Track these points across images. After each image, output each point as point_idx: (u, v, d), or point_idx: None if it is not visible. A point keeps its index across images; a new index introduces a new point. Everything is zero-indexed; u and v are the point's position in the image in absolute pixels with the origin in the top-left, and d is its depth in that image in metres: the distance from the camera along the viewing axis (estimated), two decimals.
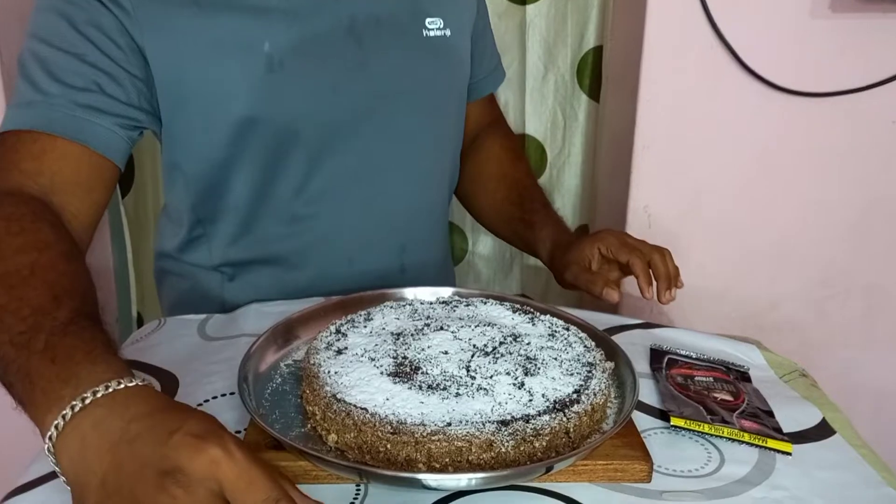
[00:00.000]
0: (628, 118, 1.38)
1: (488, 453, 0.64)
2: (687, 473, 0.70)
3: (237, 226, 1.05)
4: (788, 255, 1.42)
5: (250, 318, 0.98)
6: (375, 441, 0.65)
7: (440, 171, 1.15)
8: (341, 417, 0.67)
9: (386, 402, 0.68)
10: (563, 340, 0.79)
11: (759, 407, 0.80)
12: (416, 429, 0.64)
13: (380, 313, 0.84)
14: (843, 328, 1.46)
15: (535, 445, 0.65)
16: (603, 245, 1.01)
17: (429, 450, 0.64)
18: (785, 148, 1.37)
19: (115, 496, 0.52)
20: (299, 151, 1.01)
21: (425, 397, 0.68)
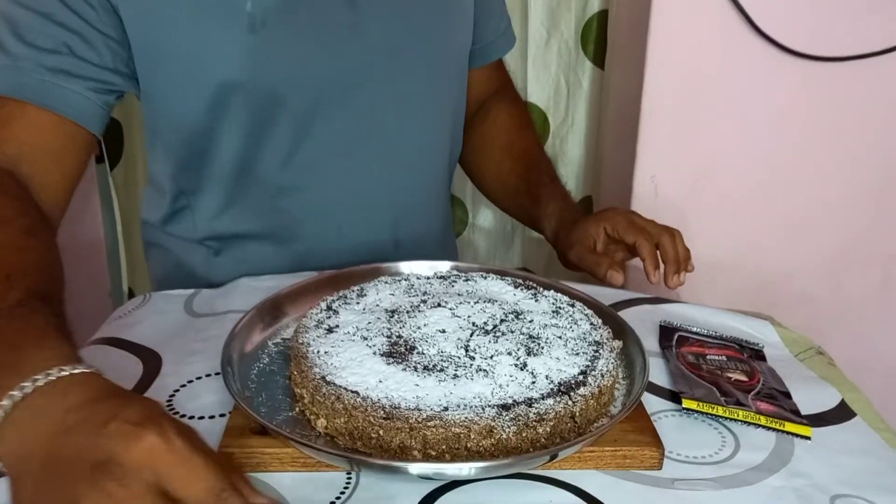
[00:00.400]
0: (635, 84, 1.33)
1: (488, 440, 0.60)
2: (700, 460, 0.65)
3: (221, 197, 1.01)
4: (803, 225, 1.38)
5: (239, 293, 0.93)
6: (367, 426, 0.61)
7: (439, 140, 1.09)
8: (331, 401, 0.63)
9: (379, 384, 0.63)
10: (567, 317, 0.75)
11: (775, 388, 0.75)
12: (410, 414, 0.60)
13: (374, 289, 0.79)
14: (858, 302, 1.41)
15: (538, 431, 0.61)
16: (609, 225, 0.97)
17: (424, 436, 0.60)
18: (799, 114, 1.32)
19: (48, 491, 0.48)
20: (285, 119, 0.96)
21: (421, 379, 0.64)
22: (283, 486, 0.61)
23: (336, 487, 0.61)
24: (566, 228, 1.03)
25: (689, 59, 1.29)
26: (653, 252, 0.92)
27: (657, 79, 1.30)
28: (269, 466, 0.62)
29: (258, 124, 0.96)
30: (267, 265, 1.02)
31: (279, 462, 0.62)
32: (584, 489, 0.62)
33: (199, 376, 0.75)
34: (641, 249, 0.92)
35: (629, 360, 0.73)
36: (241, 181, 0.99)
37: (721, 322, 0.89)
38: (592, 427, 0.64)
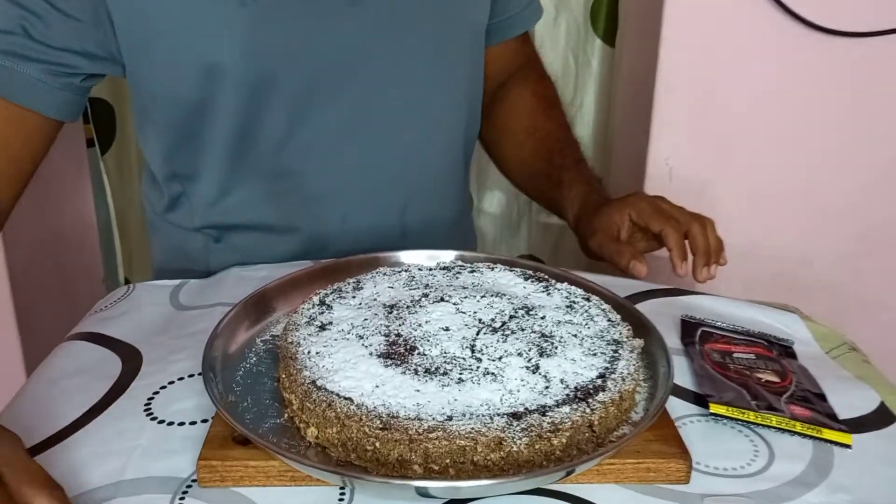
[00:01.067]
0: (649, 62, 1.28)
1: (497, 453, 0.54)
2: (731, 472, 0.59)
3: (216, 185, 0.95)
4: (823, 208, 1.33)
5: (229, 284, 0.87)
6: (362, 438, 0.55)
7: (451, 121, 1.02)
8: (321, 409, 0.56)
9: (375, 389, 0.57)
10: (583, 313, 0.68)
11: (809, 389, 0.68)
12: (410, 424, 0.54)
13: (371, 281, 0.73)
14: (880, 288, 1.35)
15: (552, 443, 0.55)
16: (634, 211, 0.89)
17: (425, 449, 0.53)
18: (821, 92, 1.27)
19: None
20: (280, 100, 0.90)
21: (422, 384, 0.58)
22: (268, 502, 0.55)
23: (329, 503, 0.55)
24: (589, 214, 0.95)
25: (705, 34, 1.24)
26: (681, 242, 0.85)
27: (672, 56, 1.25)
28: (254, 480, 0.56)
29: (252, 106, 0.90)
30: (268, 254, 0.96)
31: (265, 476, 0.56)
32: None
33: (181, 377, 0.70)
34: (668, 238, 0.85)
35: (651, 360, 0.66)
36: (237, 167, 0.94)
37: (748, 316, 0.82)
38: (613, 437, 0.58)
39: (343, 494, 0.56)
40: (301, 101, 0.90)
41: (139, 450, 0.60)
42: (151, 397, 0.67)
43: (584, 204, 0.98)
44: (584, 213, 0.97)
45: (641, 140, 1.30)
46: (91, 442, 0.62)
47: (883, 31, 1.22)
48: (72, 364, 0.73)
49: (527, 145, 1.08)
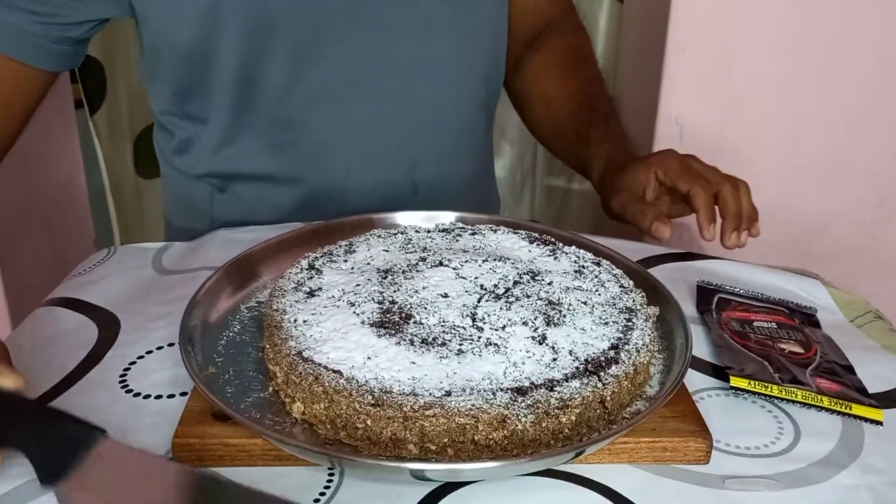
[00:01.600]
0: (660, 18, 1.22)
1: (500, 432, 0.49)
2: (753, 451, 0.55)
3: (220, 132, 0.92)
4: (840, 172, 1.27)
5: (215, 247, 0.82)
6: (352, 414, 0.50)
7: (468, 71, 0.96)
8: (308, 382, 0.52)
9: (367, 361, 0.52)
10: (593, 279, 0.63)
11: (835, 361, 0.64)
12: (404, 400, 0.49)
13: (364, 244, 0.68)
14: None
15: (560, 421, 0.50)
16: (661, 169, 0.82)
17: (421, 427, 0.49)
18: (839, 49, 1.20)
19: None
20: (283, 43, 0.85)
21: (418, 356, 0.53)
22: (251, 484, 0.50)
23: (316, 486, 0.51)
24: (613, 172, 0.88)
25: None
26: (710, 203, 0.78)
27: (684, 12, 1.19)
28: (235, 460, 0.52)
29: (255, 49, 0.86)
30: (271, 206, 0.94)
31: (246, 455, 0.52)
32: (615, 489, 0.51)
33: (160, 346, 0.65)
34: (696, 199, 0.78)
35: (666, 330, 0.61)
36: (241, 115, 0.90)
37: (767, 281, 0.78)
38: (626, 413, 0.53)
39: (332, 476, 0.51)
40: (304, 47, 0.86)
41: (112, 426, 0.55)
42: (127, 368, 0.62)
43: (609, 161, 0.91)
44: (608, 171, 0.90)
45: (651, 99, 1.25)
46: None
47: None
48: (45, 332, 0.68)
49: (556, 100, 1.01)
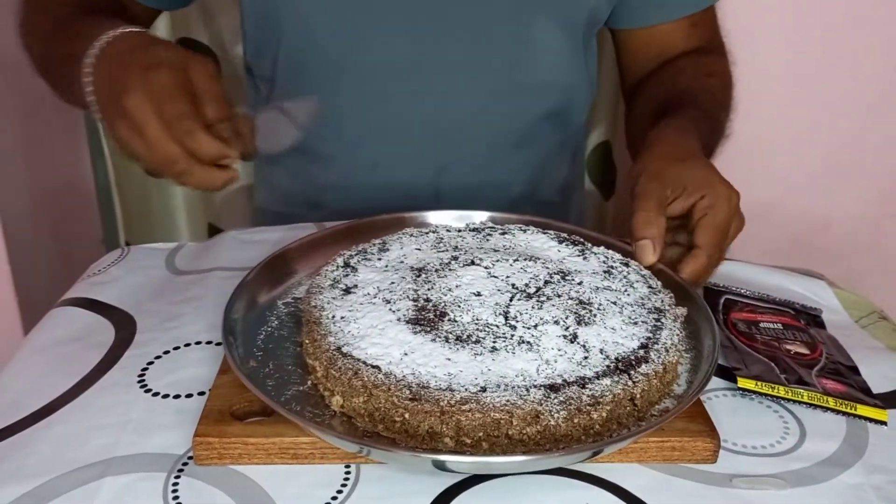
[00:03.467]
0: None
1: (533, 427, 0.52)
2: (760, 451, 0.57)
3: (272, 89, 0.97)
4: (845, 167, 1.30)
5: (226, 247, 0.85)
6: (390, 408, 0.52)
7: (520, 83, 0.94)
8: (347, 377, 0.54)
9: (404, 357, 0.55)
10: (621, 279, 0.66)
11: (840, 361, 0.65)
12: (441, 395, 0.52)
13: (397, 242, 0.71)
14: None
15: (592, 417, 0.53)
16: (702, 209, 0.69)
17: (458, 422, 0.51)
18: (846, 42, 1.23)
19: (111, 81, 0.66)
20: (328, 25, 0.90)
21: (453, 353, 0.55)
22: (269, 481, 0.52)
23: (333, 484, 0.53)
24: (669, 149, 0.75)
25: None
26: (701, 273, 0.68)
27: None
28: (254, 458, 0.54)
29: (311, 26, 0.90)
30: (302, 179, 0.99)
31: (265, 453, 0.54)
32: (625, 488, 0.53)
33: (177, 346, 0.67)
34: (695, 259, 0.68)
35: (693, 329, 0.64)
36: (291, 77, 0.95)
37: (772, 282, 0.80)
38: (654, 410, 0.56)
39: (348, 472, 0.53)
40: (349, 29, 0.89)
41: (132, 424, 0.58)
42: (145, 368, 0.64)
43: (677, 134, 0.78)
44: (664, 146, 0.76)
45: None
46: (82, 415, 0.60)
47: None
48: (63, 331, 0.70)
49: (657, 98, 0.92)
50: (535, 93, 0.95)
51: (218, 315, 0.63)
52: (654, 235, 0.67)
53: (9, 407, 0.60)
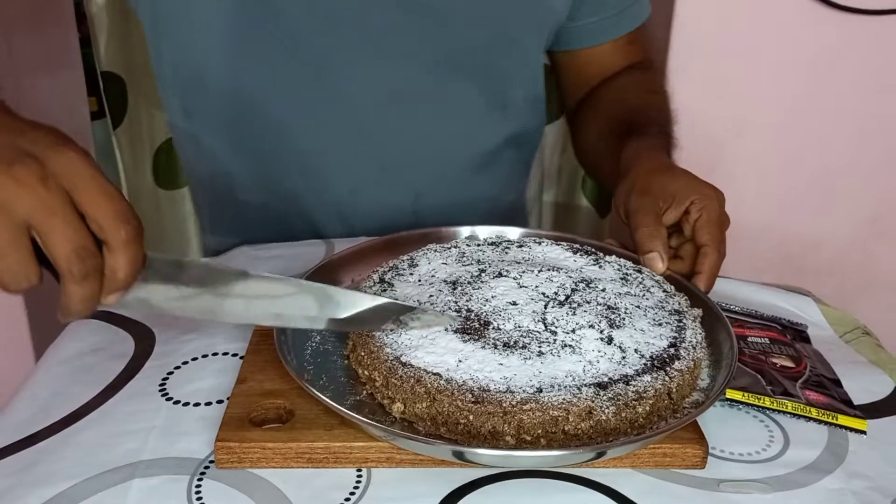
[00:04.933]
0: (661, 39, 1.28)
1: (587, 422, 0.56)
2: (746, 457, 0.60)
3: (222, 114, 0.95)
4: (836, 189, 1.35)
5: (239, 263, 0.87)
6: (454, 411, 0.56)
7: (487, 112, 0.99)
8: (410, 384, 0.58)
9: (459, 364, 0.59)
10: (638, 285, 0.71)
11: (823, 374, 0.69)
12: (503, 397, 0.56)
13: (424, 258, 0.74)
14: (891, 271, 1.36)
15: (637, 411, 0.58)
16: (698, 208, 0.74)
17: (520, 421, 0.56)
18: (836, 71, 1.28)
19: None
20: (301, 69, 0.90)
21: (504, 358, 0.59)
22: (286, 484, 0.56)
23: (346, 486, 0.56)
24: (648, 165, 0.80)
25: (719, 14, 1.25)
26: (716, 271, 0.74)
27: (685, 35, 1.25)
28: (271, 462, 0.58)
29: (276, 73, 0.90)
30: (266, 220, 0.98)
31: (282, 458, 0.57)
32: (620, 491, 0.57)
33: (195, 357, 0.70)
34: (705, 259, 0.73)
35: (706, 328, 0.68)
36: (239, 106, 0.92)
37: (760, 299, 0.84)
38: (686, 403, 0.61)
39: (360, 475, 0.57)
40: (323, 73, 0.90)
41: (156, 430, 0.61)
42: (166, 378, 0.67)
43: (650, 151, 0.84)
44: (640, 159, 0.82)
45: None
46: (108, 422, 0.62)
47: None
48: (85, 343, 0.73)
49: (609, 117, 0.98)
50: (499, 119, 1.00)
51: (232, 328, 0.66)
52: (659, 247, 0.73)
53: (37, 414, 0.62)
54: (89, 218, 0.48)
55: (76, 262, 0.47)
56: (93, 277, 0.48)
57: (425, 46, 0.92)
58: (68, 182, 0.47)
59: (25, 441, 0.60)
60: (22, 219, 0.46)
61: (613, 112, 0.98)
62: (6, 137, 0.48)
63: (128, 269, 0.49)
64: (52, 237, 0.47)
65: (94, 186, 0.48)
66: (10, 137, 0.48)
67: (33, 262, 0.48)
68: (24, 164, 0.47)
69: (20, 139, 0.48)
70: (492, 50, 0.95)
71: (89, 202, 0.48)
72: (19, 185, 0.46)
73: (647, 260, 0.73)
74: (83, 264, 0.48)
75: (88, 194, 0.48)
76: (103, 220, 0.48)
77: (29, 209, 0.46)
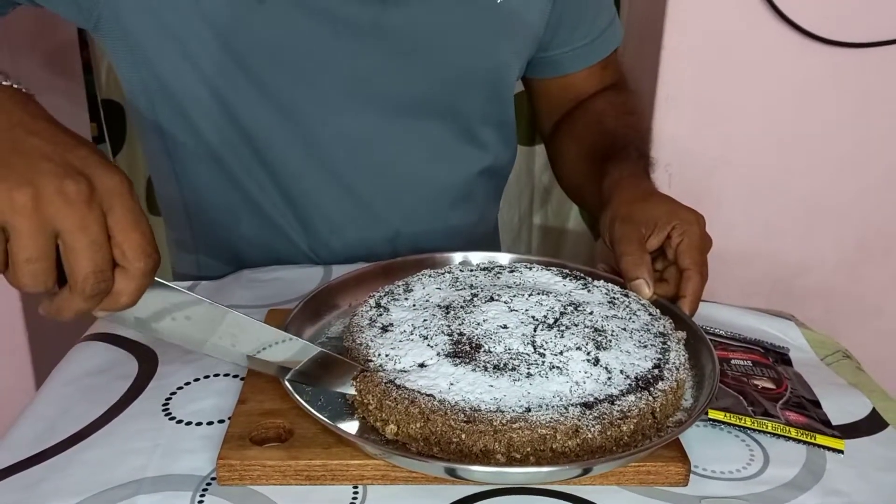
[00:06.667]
0: (650, 68, 1.31)
1: (574, 440, 0.59)
2: (727, 475, 0.63)
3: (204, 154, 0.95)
4: (821, 215, 1.38)
5: (240, 285, 0.89)
6: (447, 431, 0.59)
7: (461, 149, 1.01)
8: (404, 406, 0.60)
9: (451, 387, 0.61)
10: (625, 308, 0.73)
11: (803, 396, 0.72)
12: (493, 416, 0.58)
13: (419, 283, 0.77)
14: (877, 296, 1.39)
15: (622, 429, 0.60)
16: (679, 233, 0.77)
17: (509, 439, 0.58)
18: (820, 101, 1.32)
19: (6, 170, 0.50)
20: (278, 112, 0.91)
21: (494, 380, 0.62)
22: (285, 500, 0.58)
23: (342, 502, 0.59)
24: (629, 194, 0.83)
25: (707, 44, 1.29)
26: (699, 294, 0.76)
27: (674, 64, 1.29)
28: (271, 479, 0.60)
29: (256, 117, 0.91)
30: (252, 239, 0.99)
31: (281, 475, 0.60)
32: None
33: (197, 377, 0.72)
34: (688, 283, 0.76)
35: (690, 350, 0.71)
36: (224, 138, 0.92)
37: (744, 323, 0.86)
38: (669, 422, 0.63)
39: (356, 492, 0.59)
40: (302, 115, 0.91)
41: (160, 449, 0.63)
42: (169, 398, 0.69)
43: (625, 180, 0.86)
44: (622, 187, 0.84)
45: None
46: (113, 440, 0.64)
47: (881, 42, 1.27)
48: (89, 364, 0.75)
49: (586, 141, 1.01)
50: (472, 152, 1.02)
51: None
52: (644, 273, 0.76)
53: (44, 433, 0.64)
54: (115, 242, 0.51)
55: (91, 283, 0.50)
56: (99, 297, 0.51)
57: (396, 91, 0.93)
58: (108, 204, 0.50)
59: (33, 459, 0.62)
60: (57, 230, 0.49)
61: (592, 139, 1.01)
62: (56, 151, 0.50)
63: (134, 296, 0.52)
64: (77, 254, 0.49)
65: (129, 215, 0.51)
66: (60, 151, 0.50)
67: (55, 270, 0.50)
68: (75, 181, 0.49)
69: (70, 154, 0.50)
70: (462, 88, 0.97)
71: (122, 229, 0.51)
72: (67, 203, 0.48)
73: (633, 286, 0.76)
74: (97, 286, 0.50)
75: (123, 221, 0.51)
76: (129, 249, 0.51)
77: (69, 226, 0.49)
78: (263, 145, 0.93)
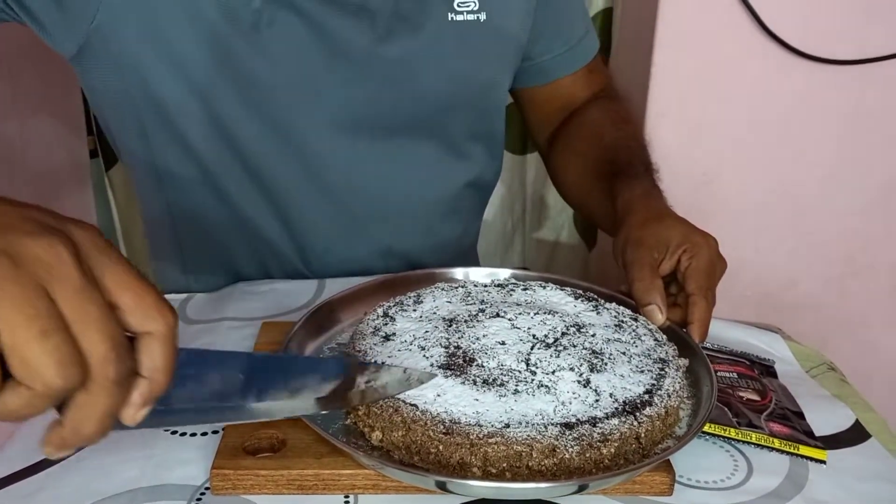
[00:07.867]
0: (640, 85, 1.32)
1: (550, 459, 0.59)
2: (712, 485, 0.64)
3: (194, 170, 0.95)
4: (809, 230, 1.39)
5: (235, 298, 0.90)
6: (426, 441, 0.60)
7: (451, 168, 1.03)
8: (388, 414, 0.62)
9: (437, 398, 0.62)
10: (631, 332, 0.73)
11: (787, 407, 0.73)
12: (471, 429, 0.59)
13: (430, 295, 0.78)
14: (864, 309, 1.40)
15: (602, 452, 0.60)
16: (689, 256, 0.77)
17: (485, 453, 0.59)
18: (808, 118, 1.33)
19: None
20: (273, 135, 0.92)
21: (480, 394, 0.63)
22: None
23: None
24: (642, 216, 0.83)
25: (696, 60, 1.30)
26: (706, 320, 0.75)
27: (664, 80, 1.30)
28: (264, 489, 0.60)
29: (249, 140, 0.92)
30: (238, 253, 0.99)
31: (274, 484, 0.60)
32: None
33: None
34: (694, 308, 0.75)
35: (694, 379, 0.71)
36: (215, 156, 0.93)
37: (731, 336, 0.87)
38: (657, 449, 0.63)
39: (348, 501, 0.60)
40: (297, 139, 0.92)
41: (154, 459, 0.64)
42: None
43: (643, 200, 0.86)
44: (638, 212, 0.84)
45: None
46: (108, 451, 0.65)
47: (868, 59, 1.29)
48: None
49: (589, 156, 1.01)
50: (459, 167, 1.03)
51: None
52: (656, 299, 0.75)
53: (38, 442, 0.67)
54: (122, 307, 0.39)
55: (114, 363, 0.38)
56: (125, 384, 0.40)
57: (387, 114, 0.95)
58: (96, 262, 0.39)
59: (32, 468, 0.63)
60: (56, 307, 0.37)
61: (594, 153, 1.01)
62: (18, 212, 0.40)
63: (170, 367, 0.41)
64: (88, 332, 0.37)
65: (130, 271, 0.40)
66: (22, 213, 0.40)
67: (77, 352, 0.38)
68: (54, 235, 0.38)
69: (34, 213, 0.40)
70: (453, 109, 0.99)
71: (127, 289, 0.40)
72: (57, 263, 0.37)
73: (646, 312, 0.75)
74: (122, 366, 0.39)
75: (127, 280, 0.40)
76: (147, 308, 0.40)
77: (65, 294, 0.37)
78: (256, 164, 0.94)
